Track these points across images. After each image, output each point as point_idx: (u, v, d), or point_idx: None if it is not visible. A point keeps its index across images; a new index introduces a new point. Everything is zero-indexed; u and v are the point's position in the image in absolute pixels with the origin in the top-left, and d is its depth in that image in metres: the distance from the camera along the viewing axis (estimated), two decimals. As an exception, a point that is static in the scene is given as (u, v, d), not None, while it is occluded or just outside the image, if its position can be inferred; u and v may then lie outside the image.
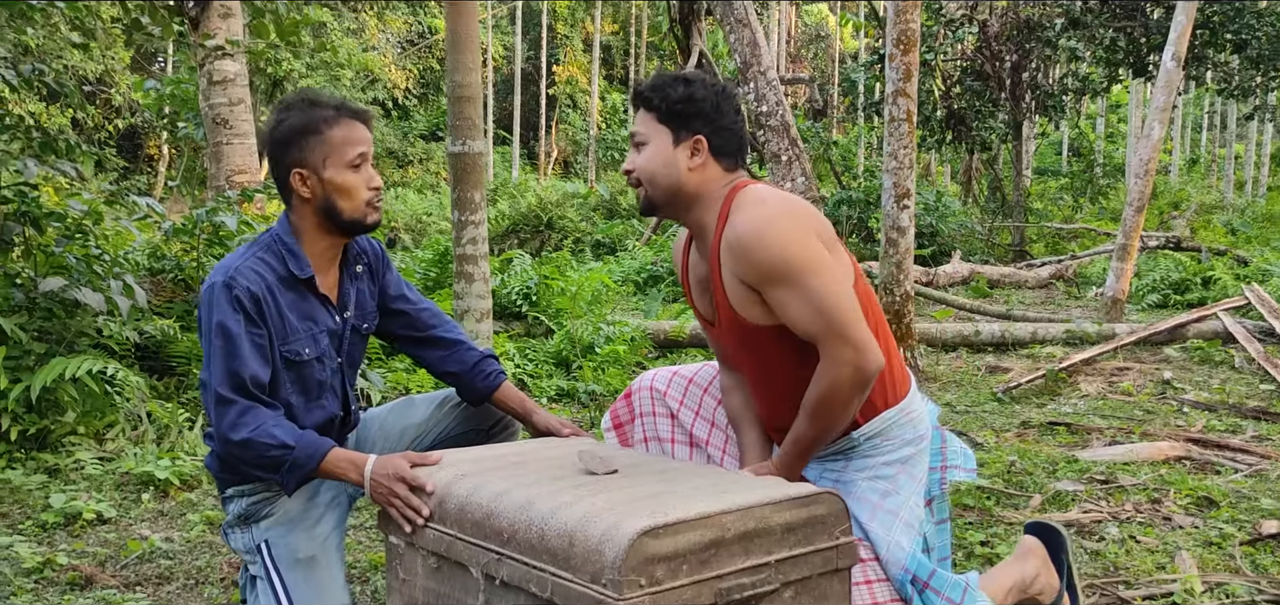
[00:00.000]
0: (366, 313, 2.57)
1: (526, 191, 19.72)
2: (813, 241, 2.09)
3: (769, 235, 2.05)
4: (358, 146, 2.33)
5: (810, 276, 2.05)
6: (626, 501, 1.84)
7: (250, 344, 2.25)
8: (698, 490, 1.92)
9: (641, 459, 2.25)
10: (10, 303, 4.25)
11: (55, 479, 3.85)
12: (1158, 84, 8.53)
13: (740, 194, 2.17)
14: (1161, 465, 4.18)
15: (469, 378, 2.64)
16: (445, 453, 2.29)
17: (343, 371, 2.52)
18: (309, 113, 2.34)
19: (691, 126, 2.19)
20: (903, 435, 2.24)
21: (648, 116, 2.23)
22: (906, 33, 6.13)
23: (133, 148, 26.68)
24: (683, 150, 2.20)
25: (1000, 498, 3.75)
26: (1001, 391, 5.74)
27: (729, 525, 1.80)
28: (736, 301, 2.16)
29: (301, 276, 2.36)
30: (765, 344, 2.19)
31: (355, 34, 29.78)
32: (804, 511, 1.92)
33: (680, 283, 2.48)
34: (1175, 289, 10.24)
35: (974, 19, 14.13)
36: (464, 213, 4.26)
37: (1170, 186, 23.54)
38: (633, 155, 2.26)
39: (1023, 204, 15.54)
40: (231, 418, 2.23)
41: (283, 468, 2.25)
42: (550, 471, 2.10)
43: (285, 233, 2.39)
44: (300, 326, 2.37)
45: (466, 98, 4.19)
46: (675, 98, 2.19)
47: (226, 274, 2.28)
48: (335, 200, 2.33)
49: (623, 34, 38.36)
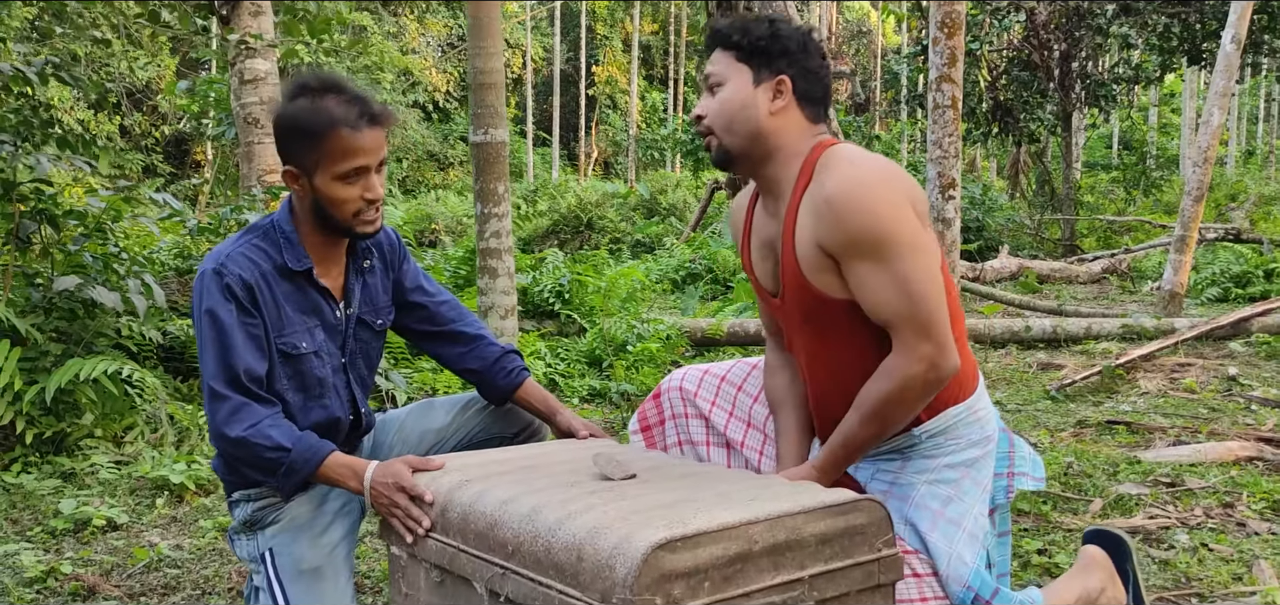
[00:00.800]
0: (378, 307, 2.40)
1: (566, 192, 19.65)
2: (909, 214, 1.87)
3: (864, 200, 1.84)
4: (355, 160, 2.11)
5: (902, 254, 1.83)
6: (642, 511, 1.65)
7: (244, 334, 2.10)
8: (723, 497, 1.73)
9: (663, 462, 2.06)
10: (28, 303, 4.15)
11: (70, 483, 3.75)
12: (1217, 69, 8.17)
13: (830, 151, 1.96)
14: (1232, 467, 3.90)
15: (490, 374, 2.47)
16: (450, 456, 2.13)
17: (347, 370, 2.35)
18: (314, 112, 2.11)
19: (775, 65, 1.99)
20: (969, 435, 2.01)
21: (725, 55, 2.02)
22: (951, 15, 5.87)
23: (180, 154, 26.98)
24: (764, 91, 1.98)
25: (1058, 502, 3.50)
26: (1055, 389, 5.47)
27: (756, 537, 1.61)
28: (809, 268, 1.93)
29: (298, 268, 2.19)
30: (833, 319, 1.97)
31: (395, 37, 29.93)
32: (841, 521, 1.72)
33: (738, 248, 2.25)
34: (1236, 282, 9.84)
35: (1021, 7, 13.75)
36: (487, 204, 4.09)
37: (1227, 178, 22.87)
38: (705, 99, 2.05)
39: (1073, 197, 15.11)
40: (225, 413, 2.07)
41: (278, 471, 2.09)
42: (562, 477, 1.92)
43: (285, 221, 2.22)
44: (296, 318, 2.20)
45: (488, 85, 4.03)
46: (758, 33, 1.99)
47: (217, 261, 2.12)
48: (324, 208, 2.15)
49: (662, 34, 38.19)
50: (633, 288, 6.93)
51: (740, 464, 2.28)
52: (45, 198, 4.11)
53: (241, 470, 2.19)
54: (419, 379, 4.97)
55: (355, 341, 2.36)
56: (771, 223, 2.06)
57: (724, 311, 7.60)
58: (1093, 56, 14.41)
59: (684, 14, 35.25)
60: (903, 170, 1.95)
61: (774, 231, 2.05)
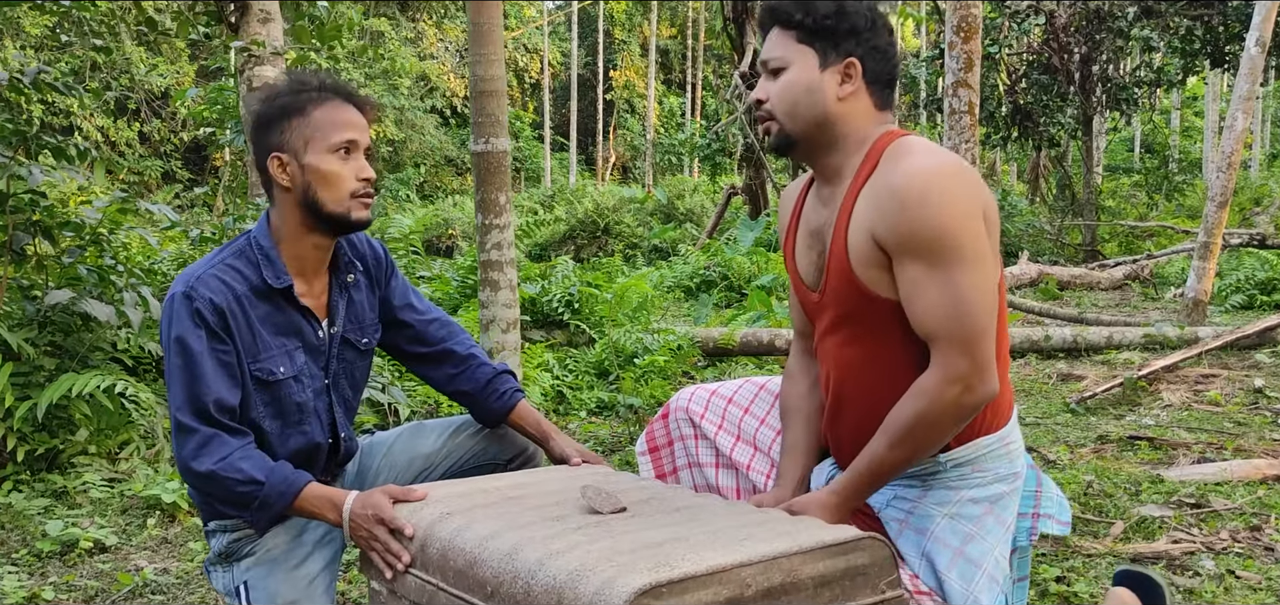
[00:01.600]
0: (364, 325, 2.29)
1: (584, 197, 19.58)
2: (978, 222, 1.74)
3: (933, 195, 1.71)
4: (346, 131, 2.05)
5: (960, 263, 1.71)
6: (628, 551, 1.55)
7: (214, 362, 1.99)
8: (715, 535, 1.62)
9: (656, 493, 1.94)
10: (22, 316, 4.08)
11: (60, 502, 3.67)
12: (1240, 72, 7.99)
13: (899, 141, 1.84)
14: (1259, 486, 3.75)
15: (482, 397, 2.36)
16: (433, 485, 2.02)
17: (330, 392, 2.24)
18: (298, 90, 2.08)
19: (843, 46, 1.85)
20: (996, 469, 1.87)
21: (784, 36, 1.88)
22: (967, 19, 5.74)
23: (200, 160, 27.10)
24: (831, 75, 1.85)
25: (1077, 524, 3.36)
26: (1075, 402, 5.32)
27: (749, 580, 1.50)
28: (859, 260, 1.81)
29: (277, 286, 2.08)
30: (872, 322, 1.84)
31: (413, 42, 29.97)
32: (842, 561, 1.61)
33: (782, 237, 2.12)
34: (1261, 289, 9.63)
35: (1040, 10, 13.55)
36: (489, 215, 3.99)
37: (1251, 182, 22.53)
38: (765, 83, 1.91)
39: (1094, 202, 14.90)
40: (192, 447, 1.97)
41: (252, 505, 1.99)
42: (548, 511, 1.81)
43: (263, 236, 2.11)
44: (273, 342, 2.09)
45: (490, 92, 3.93)
46: (824, 11, 1.84)
47: (187, 283, 2.01)
48: (316, 190, 2.04)
49: (680, 37, 38.12)
50: (642, 297, 6.82)
51: (748, 488, 2.17)
52: (40, 209, 4.04)
53: (212, 503, 2.09)
54: (423, 393, 4.88)
55: (339, 362, 2.26)
56: (824, 210, 1.93)
57: (737, 320, 7.48)
58: (1113, 59, 14.19)
59: (701, 18, 35.14)
60: (978, 175, 1.82)
61: (825, 219, 1.92)
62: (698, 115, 34.97)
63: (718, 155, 17.75)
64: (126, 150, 23.66)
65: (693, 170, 30.19)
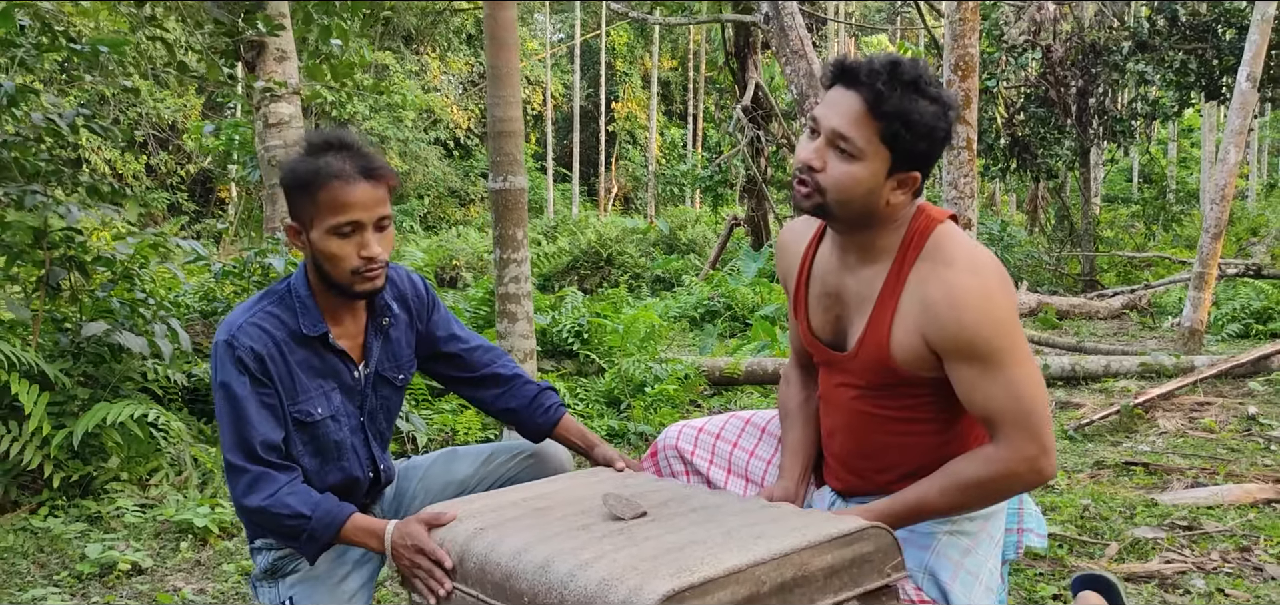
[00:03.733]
0: (400, 361, 2.41)
1: (586, 227, 19.74)
2: (1020, 325, 1.87)
3: (985, 310, 1.80)
4: (348, 213, 2.10)
5: (1016, 363, 1.81)
6: (650, 557, 1.67)
7: (258, 405, 2.12)
8: (730, 536, 1.75)
9: (672, 494, 2.06)
10: (56, 348, 4.24)
11: (96, 527, 3.81)
12: (1232, 106, 8.17)
13: (940, 231, 1.89)
14: (1249, 509, 3.89)
15: (528, 413, 2.50)
16: (462, 502, 2.14)
17: (366, 428, 2.36)
18: (308, 165, 2.14)
19: (914, 165, 1.84)
20: None
21: (866, 120, 1.80)
22: (965, 58, 5.92)
23: (205, 192, 27.31)
24: (893, 181, 1.85)
25: (1074, 546, 3.50)
26: (1073, 429, 5.46)
27: (764, 577, 1.62)
28: (904, 350, 1.89)
29: (312, 334, 2.20)
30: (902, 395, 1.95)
31: (417, 75, 30.26)
32: (849, 551, 1.74)
33: (785, 280, 2.18)
34: (1257, 318, 9.77)
35: (1037, 44, 13.78)
36: (506, 250, 4.16)
37: (1247, 212, 22.71)
38: (826, 153, 1.84)
39: (1092, 232, 15.07)
40: (243, 484, 2.10)
41: (300, 537, 2.13)
42: (573, 520, 1.93)
43: (301, 285, 2.23)
44: (311, 385, 2.21)
45: (507, 133, 4.10)
46: (921, 128, 1.79)
47: (230, 331, 2.13)
48: (321, 263, 2.16)
49: (681, 69, 38.43)
50: (650, 328, 6.97)
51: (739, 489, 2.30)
52: (75, 244, 4.21)
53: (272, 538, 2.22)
54: (439, 422, 5.03)
55: (375, 398, 2.37)
56: (848, 279, 1.98)
57: (742, 350, 7.63)
58: (1110, 92, 14.39)
59: (702, 50, 35.45)
60: (1004, 269, 1.89)
61: (851, 288, 1.98)
62: (699, 146, 35.21)
63: (719, 186, 17.91)
64: (133, 182, 23.91)
65: (694, 201, 30.38)
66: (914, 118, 1.78)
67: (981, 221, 15.51)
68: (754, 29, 13.34)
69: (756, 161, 14.23)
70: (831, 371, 2.08)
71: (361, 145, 2.20)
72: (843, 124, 1.81)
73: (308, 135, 2.26)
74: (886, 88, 1.78)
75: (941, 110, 1.82)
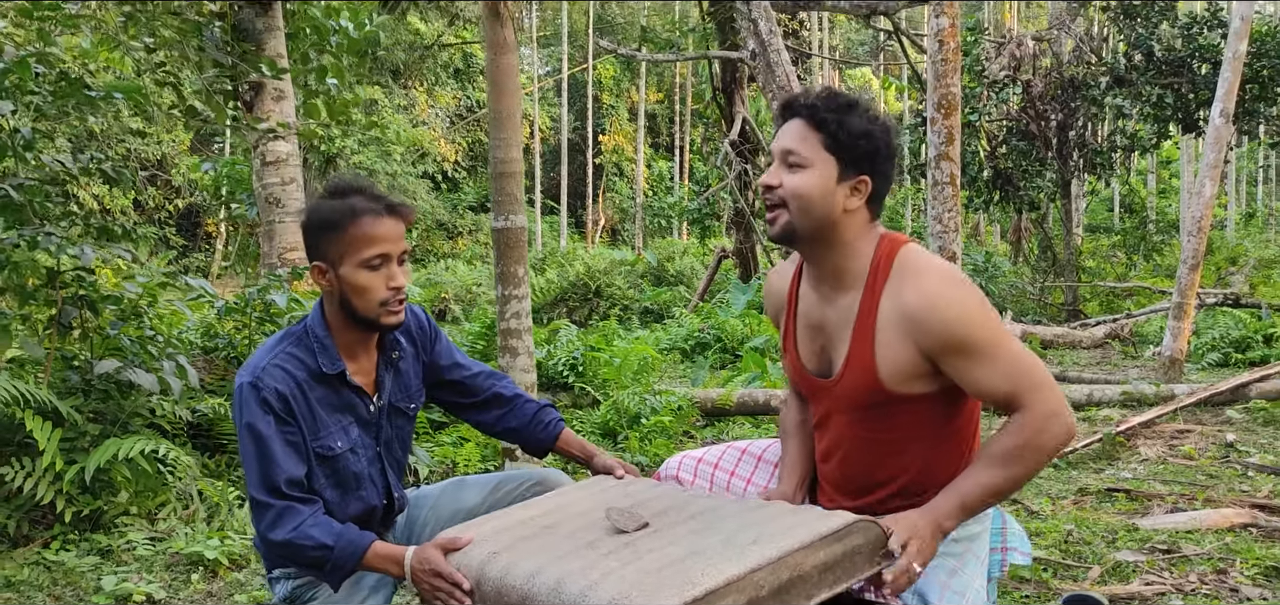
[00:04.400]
0: (410, 391, 2.54)
1: (574, 260, 19.86)
2: (995, 313, 2.03)
3: (965, 304, 1.97)
4: (378, 246, 2.25)
5: (1002, 342, 1.97)
6: (655, 571, 1.77)
7: (282, 443, 2.22)
8: (728, 543, 1.84)
9: (670, 501, 2.16)
10: (67, 385, 4.34)
11: (107, 560, 3.90)
12: (1207, 141, 8.40)
13: (905, 250, 2.06)
14: (1227, 533, 4.03)
15: (530, 430, 2.63)
16: (475, 525, 2.23)
17: (382, 458, 2.48)
18: (336, 206, 2.27)
19: (861, 166, 2.04)
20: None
21: (813, 136, 2.03)
22: (947, 97, 6.11)
23: (191, 226, 27.36)
24: (845, 188, 2.03)
25: (1058, 569, 3.64)
26: (1057, 456, 5.61)
27: (762, 582, 1.72)
28: (890, 368, 2.02)
29: (331, 372, 2.32)
30: (890, 412, 2.08)
31: (406, 110, 30.46)
32: (840, 546, 1.84)
33: (775, 319, 2.34)
34: (1236, 347, 9.97)
35: (1017, 79, 14.06)
36: (508, 287, 4.29)
37: (1227, 241, 23.05)
38: (780, 171, 2.06)
39: (1074, 262, 15.31)
40: (269, 519, 2.20)
41: (325, 568, 2.22)
42: (581, 537, 2.02)
43: (318, 324, 2.35)
44: (330, 420, 2.33)
45: (509, 174, 4.24)
46: (856, 131, 2.02)
47: (253, 373, 2.24)
48: (350, 298, 2.27)
49: (667, 102, 38.77)
50: (644, 360, 7.09)
51: None
52: (86, 283, 4.32)
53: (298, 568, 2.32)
54: (440, 453, 5.13)
55: (390, 428, 2.50)
56: (827, 309, 2.13)
57: (734, 382, 7.75)
58: (1089, 126, 14.68)
59: (689, 83, 35.80)
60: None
61: (831, 318, 2.12)
62: (686, 178, 35.48)
63: (707, 218, 18.10)
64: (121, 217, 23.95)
65: (682, 233, 30.59)
66: (850, 124, 2.01)
67: (966, 253, 15.74)
68: (741, 65, 13.57)
69: (744, 194, 14.41)
70: (822, 399, 2.21)
71: (377, 187, 2.36)
72: (790, 142, 2.05)
73: (327, 184, 2.40)
74: (822, 104, 2.03)
75: (876, 121, 2.04)
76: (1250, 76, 12.62)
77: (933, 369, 2.01)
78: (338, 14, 7.18)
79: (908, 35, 14.73)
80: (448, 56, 32.94)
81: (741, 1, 11.21)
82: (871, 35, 33.79)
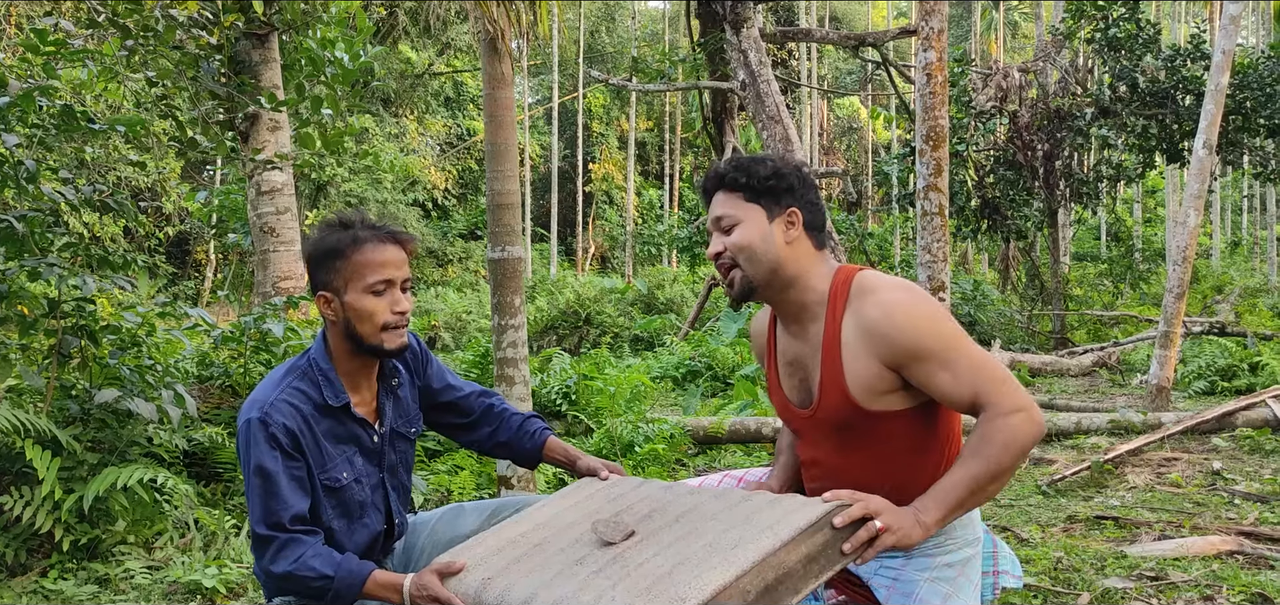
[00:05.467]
0: (409, 417, 2.58)
1: (564, 288, 19.91)
2: (954, 320, 2.10)
3: (921, 311, 2.05)
4: (381, 272, 2.31)
5: (961, 346, 2.04)
6: (645, 591, 1.78)
7: (288, 479, 2.26)
8: (713, 549, 1.84)
9: (655, 503, 2.18)
10: (66, 414, 4.37)
11: (106, 589, 3.92)
12: (1190, 173, 8.52)
13: (860, 276, 2.16)
14: (1213, 560, 4.10)
15: (517, 440, 2.67)
16: (468, 547, 2.26)
17: (385, 484, 2.52)
18: (339, 235, 2.34)
19: (784, 201, 2.18)
20: (964, 535, 2.21)
21: (732, 197, 2.20)
22: (935, 129, 6.21)
23: (181, 254, 27.34)
24: (778, 225, 2.17)
25: (1048, 596, 3.69)
26: (1046, 484, 5.67)
27: (748, 587, 1.74)
28: (860, 386, 2.10)
29: (336, 405, 2.36)
30: (865, 432, 2.15)
31: (396, 138, 30.56)
32: (820, 536, 1.86)
33: (760, 361, 2.46)
34: (1222, 375, 10.07)
35: (1004, 110, 14.23)
36: (504, 317, 4.34)
37: (1213, 270, 23.27)
38: (718, 239, 2.21)
39: (1061, 291, 15.44)
40: (271, 553, 2.23)
41: (326, 597, 2.25)
42: (571, 553, 2.04)
43: (321, 358, 2.40)
44: (335, 452, 2.37)
45: (506, 205, 4.31)
46: (764, 173, 2.18)
47: (262, 410, 2.27)
48: (355, 324, 2.32)
49: (657, 130, 38.97)
50: (636, 389, 7.15)
51: None
52: (85, 314, 4.36)
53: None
54: (435, 482, 5.17)
55: (393, 454, 2.55)
56: (798, 344, 2.23)
57: (725, 410, 7.81)
58: (1075, 156, 14.84)
59: (678, 112, 36.01)
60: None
61: (803, 351, 2.22)
62: (676, 207, 35.63)
63: (697, 246, 18.20)
64: (111, 245, 23.91)
65: (672, 261, 30.72)
66: (757, 171, 2.19)
67: (955, 281, 15.86)
68: (731, 94, 13.70)
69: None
70: (807, 430, 2.29)
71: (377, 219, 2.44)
72: (719, 209, 2.22)
73: (326, 217, 2.46)
74: (730, 170, 2.22)
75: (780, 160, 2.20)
76: (1233, 108, 12.81)
77: (901, 382, 2.09)
78: (333, 45, 7.26)
79: (895, 66, 14.89)
80: (438, 85, 33.11)
81: (732, 33, 11.34)
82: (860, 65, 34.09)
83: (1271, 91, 12.85)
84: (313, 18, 7.70)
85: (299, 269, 7.91)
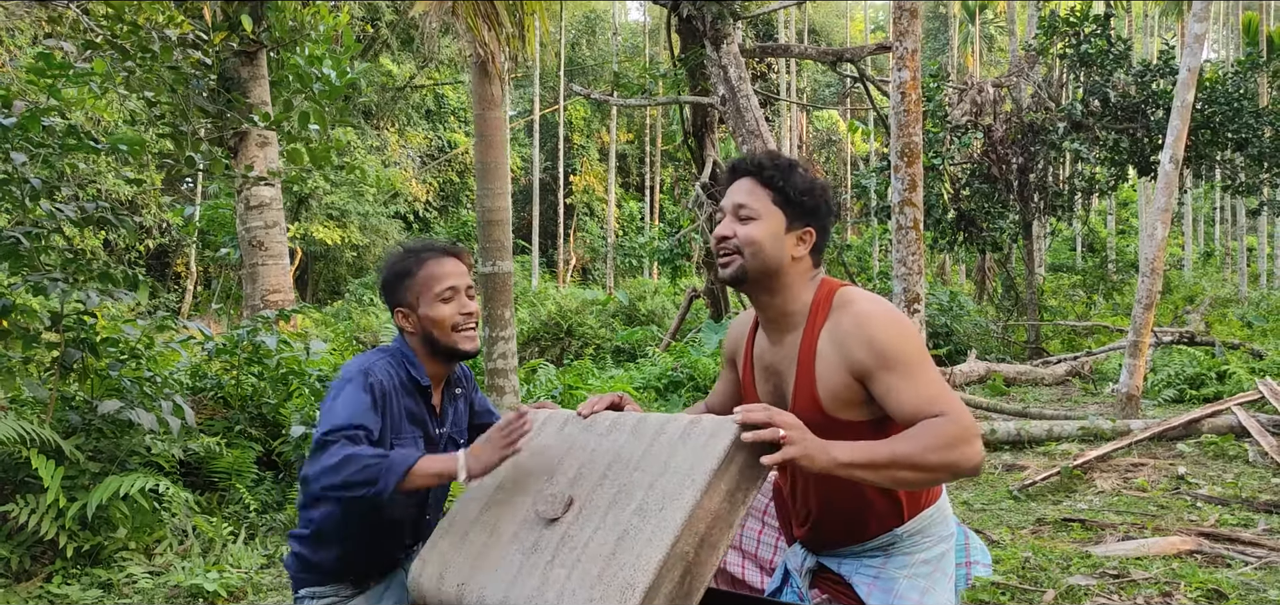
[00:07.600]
0: (461, 429, 2.80)
1: (546, 299, 20.01)
2: (923, 344, 2.21)
3: (890, 323, 2.13)
4: (446, 281, 2.57)
5: (922, 367, 2.12)
6: (596, 576, 1.88)
7: (368, 408, 2.43)
8: (645, 515, 1.93)
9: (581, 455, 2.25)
10: (68, 424, 4.49)
11: (109, 594, 4.04)
12: (1158, 186, 8.76)
13: (843, 290, 2.25)
14: (1173, 559, 4.29)
15: None
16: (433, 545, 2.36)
17: None
18: (406, 258, 2.61)
19: (806, 219, 2.24)
20: (939, 532, 2.36)
21: (760, 191, 2.24)
22: (909, 146, 6.41)
23: (161, 267, 27.28)
24: (792, 237, 2.24)
25: (1014, 593, 3.87)
26: (1017, 489, 5.86)
27: (685, 546, 1.86)
28: (829, 394, 2.17)
29: (423, 383, 2.60)
30: (836, 439, 2.18)
31: (377, 151, 30.62)
32: (733, 467, 1.96)
33: (731, 357, 2.57)
34: (1190, 384, 10.32)
35: (979, 124, 14.50)
36: (494, 329, 4.50)
37: (1184, 281, 23.66)
38: (732, 223, 2.25)
39: (1036, 301, 15.71)
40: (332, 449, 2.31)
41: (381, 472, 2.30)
42: (522, 539, 2.13)
43: (407, 348, 2.64)
44: (407, 428, 2.57)
45: (496, 221, 4.47)
46: (801, 186, 2.23)
47: (365, 366, 2.50)
48: (431, 330, 2.57)
49: (637, 143, 39.19)
50: (621, 399, 7.29)
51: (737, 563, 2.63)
52: (87, 327, 4.48)
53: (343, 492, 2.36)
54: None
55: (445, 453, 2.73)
56: (777, 351, 2.31)
57: (706, 419, 7.95)
58: (1049, 169, 15.13)
59: (659, 124, 36.23)
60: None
61: (780, 358, 2.30)
62: (656, 218, 35.80)
63: (677, 258, 18.36)
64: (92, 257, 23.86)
65: (653, 272, 30.88)
66: (795, 181, 2.24)
67: (931, 292, 16.09)
68: (711, 109, 13.90)
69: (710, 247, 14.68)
70: None
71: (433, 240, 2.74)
72: (741, 197, 2.26)
73: (391, 250, 2.73)
74: (768, 164, 2.26)
75: (818, 180, 2.26)
76: (1201, 122, 13.12)
77: (865, 394, 2.19)
78: (320, 62, 7.39)
79: (872, 81, 15.14)
80: (419, 97, 33.18)
81: (712, 49, 11.54)
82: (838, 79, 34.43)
83: (1238, 106, 13.17)
84: (300, 35, 7.84)
85: (287, 281, 8.03)
